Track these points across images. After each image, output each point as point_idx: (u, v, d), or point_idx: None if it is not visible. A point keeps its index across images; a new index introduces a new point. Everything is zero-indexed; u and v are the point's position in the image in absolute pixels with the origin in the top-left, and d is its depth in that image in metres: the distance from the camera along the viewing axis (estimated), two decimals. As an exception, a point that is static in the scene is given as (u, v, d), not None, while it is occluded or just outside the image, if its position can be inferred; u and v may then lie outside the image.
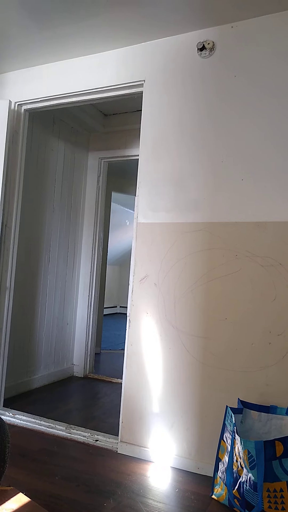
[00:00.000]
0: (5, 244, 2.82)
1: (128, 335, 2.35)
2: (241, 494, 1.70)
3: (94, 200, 4.03)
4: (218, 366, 2.11)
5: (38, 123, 3.39)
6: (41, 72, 2.80)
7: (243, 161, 2.14)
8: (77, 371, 3.93)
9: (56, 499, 1.77)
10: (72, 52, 2.62)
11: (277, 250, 2.04)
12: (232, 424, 1.80)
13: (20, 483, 1.88)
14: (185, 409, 2.17)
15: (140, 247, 2.36)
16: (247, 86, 2.16)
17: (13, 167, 2.84)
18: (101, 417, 2.81)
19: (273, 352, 2.00)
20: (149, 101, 2.42)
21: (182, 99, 2.32)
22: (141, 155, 2.42)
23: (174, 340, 2.22)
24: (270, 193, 2.07)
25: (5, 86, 2.92)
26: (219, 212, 2.18)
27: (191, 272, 2.21)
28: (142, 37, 2.41)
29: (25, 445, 2.29)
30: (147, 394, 2.27)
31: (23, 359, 3.30)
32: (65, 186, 3.76)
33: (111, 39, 2.45)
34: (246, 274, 2.09)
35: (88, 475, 2.00)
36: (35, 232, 3.40)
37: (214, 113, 2.24)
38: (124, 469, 2.09)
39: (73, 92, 2.67)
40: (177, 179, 2.30)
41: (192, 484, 1.99)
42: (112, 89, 2.57)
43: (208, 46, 2.25)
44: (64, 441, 2.38)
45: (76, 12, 2.21)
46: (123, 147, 3.91)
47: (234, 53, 2.21)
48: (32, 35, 2.45)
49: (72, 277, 3.91)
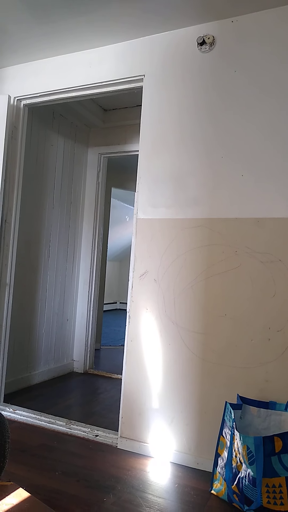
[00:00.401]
0: (5, 240, 2.81)
1: (128, 331, 2.35)
2: (240, 489, 1.71)
3: (94, 196, 4.02)
4: (217, 362, 2.12)
5: (37, 118, 3.38)
6: (41, 67, 2.78)
7: (242, 157, 2.14)
8: (77, 367, 3.94)
9: (56, 494, 1.78)
10: (71, 46, 2.60)
11: (277, 246, 2.03)
12: (232, 419, 1.81)
13: (20, 478, 1.89)
14: (185, 404, 2.17)
15: (140, 243, 2.36)
16: (247, 82, 2.15)
17: (12, 163, 2.83)
18: (101, 412, 2.82)
19: (272, 348, 2.01)
20: (149, 96, 2.41)
21: (181, 94, 2.31)
22: (141, 151, 2.41)
23: (173, 336, 2.23)
24: (270, 189, 2.06)
25: (4, 81, 2.90)
26: (219, 208, 2.17)
27: (190, 268, 2.21)
28: (141, 32, 2.39)
29: (25, 441, 2.30)
30: (147, 390, 2.27)
31: (23, 355, 3.30)
32: (64, 181, 3.75)
33: (110, 34, 2.43)
34: (245, 270, 2.09)
35: (88, 470, 2.01)
36: (34, 227, 3.39)
37: (213, 108, 2.22)
38: (124, 464, 2.10)
39: (73, 87, 2.65)
40: (177, 175, 2.29)
41: (191, 479, 2.00)
42: (112, 84, 2.56)
43: (208, 41, 2.23)
44: (64, 437, 2.39)
45: (75, 6, 2.19)
46: (123, 142, 3.90)
47: (234, 48, 2.19)
48: (31, 29, 2.43)
49: (72, 273, 3.91)
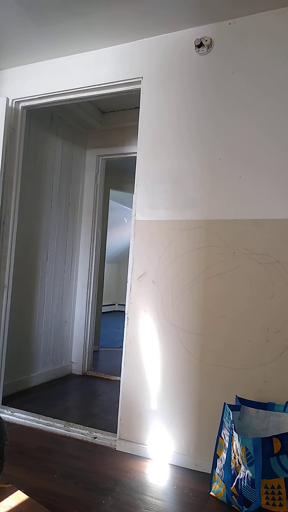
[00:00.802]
0: (3, 242, 2.81)
1: (127, 333, 2.35)
2: (239, 490, 1.70)
3: (92, 198, 4.02)
4: (216, 363, 2.12)
5: (35, 121, 3.38)
6: (39, 69, 2.78)
7: (240, 158, 2.14)
8: (75, 369, 3.94)
9: (54, 496, 1.78)
10: (69, 49, 2.60)
11: (275, 247, 2.04)
12: (230, 421, 1.81)
13: (18, 480, 1.88)
14: (183, 406, 2.17)
15: (138, 245, 2.36)
16: (245, 83, 2.16)
17: (10, 165, 2.83)
18: (100, 414, 2.81)
19: (271, 350, 2.01)
20: (147, 98, 2.41)
21: (179, 96, 2.32)
22: (139, 153, 2.41)
23: (172, 337, 2.23)
24: (268, 190, 2.07)
25: (3, 83, 2.90)
26: (217, 210, 2.18)
27: (189, 270, 2.21)
28: (139, 34, 2.40)
29: (24, 443, 2.29)
30: (145, 392, 2.27)
31: (22, 357, 3.30)
32: (63, 183, 3.75)
33: (108, 36, 2.44)
34: (244, 271, 2.09)
35: (87, 472, 2.01)
36: (33, 229, 3.39)
37: (211, 110, 2.23)
38: (122, 466, 2.10)
39: (71, 89, 2.66)
40: (175, 176, 2.29)
41: (190, 481, 2.00)
42: (110, 86, 2.57)
43: (206, 43, 2.24)
44: (62, 439, 2.38)
45: (73, 9, 2.20)
46: (121, 144, 3.90)
47: (232, 50, 2.20)
48: (29, 32, 2.44)
49: (70, 275, 3.91)
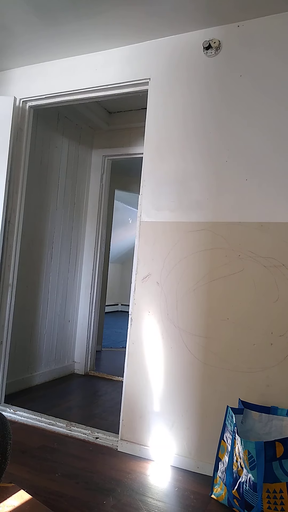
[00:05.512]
0: (8, 241, 2.82)
1: (130, 334, 2.35)
2: (241, 494, 1.70)
3: (97, 198, 4.03)
4: (219, 366, 2.11)
5: (42, 120, 3.39)
6: (46, 69, 2.79)
7: (247, 161, 2.14)
8: (78, 368, 3.94)
9: (56, 496, 1.78)
10: (77, 49, 2.61)
11: (280, 251, 2.03)
12: (233, 424, 1.80)
13: (20, 479, 1.89)
14: (186, 408, 2.17)
15: (143, 246, 2.36)
16: (253, 87, 2.15)
17: (17, 164, 2.84)
18: (102, 414, 2.81)
19: (274, 353, 2.00)
20: (154, 100, 2.41)
21: (187, 98, 2.32)
22: (145, 154, 2.41)
23: (175, 339, 2.22)
24: (273, 194, 2.07)
25: (10, 82, 2.91)
26: (222, 212, 2.17)
27: (193, 272, 2.21)
28: (147, 35, 2.40)
29: (26, 442, 2.30)
30: (148, 393, 2.27)
31: (25, 356, 3.31)
32: (68, 183, 3.76)
33: (116, 37, 2.44)
34: (248, 274, 2.09)
35: (88, 472, 2.01)
36: (38, 229, 3.40)
37: (218, 113, 2.23)
38: (124, 467, 2.10)
39: (78, 89, 2.66)
40: (181, 178, 2.29)
41: (191, 483, 1.99)
42: (117, 87, 2.57)
43: (214, 45, 2.24)
44: (64, 438, 2.39)
45: (81, 9, 2.20)
46: (127, 145, 3.91)
47: (240, 52, 2.20)
48: (37, 32, 2.45)
49: (74, 275, 3.91)
